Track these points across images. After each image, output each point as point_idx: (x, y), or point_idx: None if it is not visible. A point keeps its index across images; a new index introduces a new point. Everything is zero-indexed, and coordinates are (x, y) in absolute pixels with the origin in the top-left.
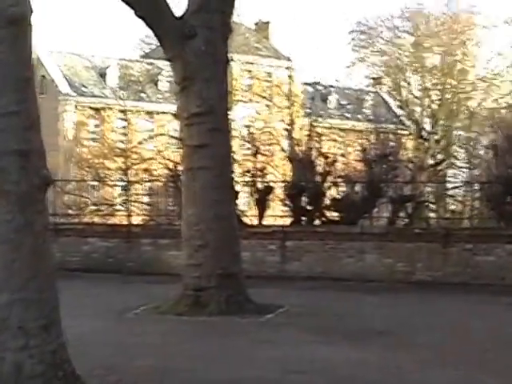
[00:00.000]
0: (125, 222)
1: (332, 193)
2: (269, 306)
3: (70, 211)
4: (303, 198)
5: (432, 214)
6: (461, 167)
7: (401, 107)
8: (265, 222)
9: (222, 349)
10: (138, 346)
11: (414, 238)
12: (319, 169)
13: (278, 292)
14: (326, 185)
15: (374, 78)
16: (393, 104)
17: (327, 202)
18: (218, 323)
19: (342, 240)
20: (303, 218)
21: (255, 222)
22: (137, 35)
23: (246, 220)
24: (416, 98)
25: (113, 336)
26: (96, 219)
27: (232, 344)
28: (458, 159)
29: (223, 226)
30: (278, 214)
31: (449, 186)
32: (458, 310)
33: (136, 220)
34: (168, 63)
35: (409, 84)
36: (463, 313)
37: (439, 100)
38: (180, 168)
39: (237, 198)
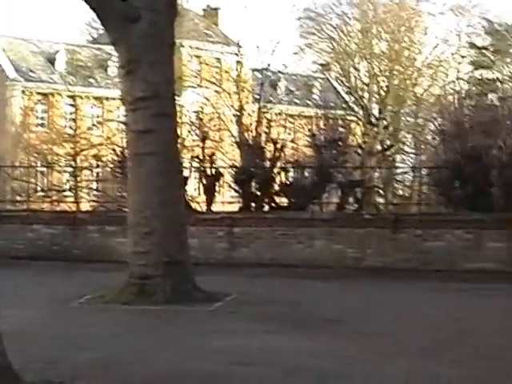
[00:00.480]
0: (74, 208)
1: (281, 178)
2: (217, 293)
3: (17, 197)
4: (252, 184)
5: (381, 199)
6: (408, 153)
7: (349, 93)
8: (214, 208)
9: (168, 340)
10: (81, 337)
11: (363, 223)
12: (268, 154)
13: (227, 279)
14: (276, 170)
15: (322, 64)
16: (341, 90)
17: (276, 187)
18: (165, 313)
19: (291, 226)
20: (252, 204)
21: (204, 208)
22: (84, 19)
23: (195, 206)
24: (364, 84)
25: (55, 327)
26: (44, 205)
27: (178, 334)
28: (406, 145)
29: (170, 213)
30: (227, 200)
31: (397, 171)
32: (410, 298)
33: (85, 206)
34: None
35: (357, 70)
36: (415, 300)
37: (387, 86)
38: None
39: (185, 184)
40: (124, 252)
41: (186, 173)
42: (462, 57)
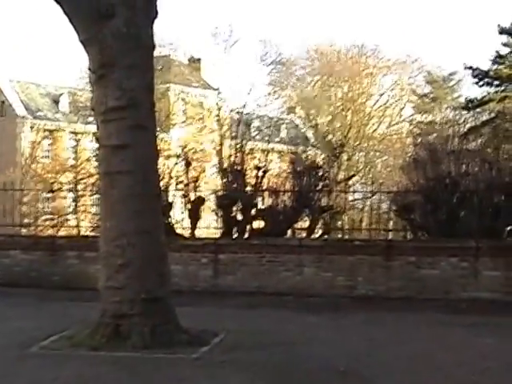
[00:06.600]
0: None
1: (262, 203)
2: (203, 333)
3: (25, 220)
4: (234, 209)
5: (339, 223)
6: (364, 182)
7: (315, 130)
8: (198, 233)
9: None
10: None
11: (354, 250)
12: (250, 180)
13: (212, 311)
14: (258, 195)
15: (288, 107)
16: (306, 128)
17: (258, 212)
18: (141, 362)
19: (278, 253)
20: (234, 229)
21: (188, 233)
22: (84, 66)
23: (182, 231)
24: (325, 123)
25: None
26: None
27: None
28: (363, 175)
29: (148, 242)
30: (210, 226)
31: (357, 197)
32: (417, 335)
33: (86, 229)
34: None
35: (318, 112)
36: (424, 338)
37: (346, 125)
38: None
39: (170, 208)
40: None
41: (171, 198)
42: (405, 103)
